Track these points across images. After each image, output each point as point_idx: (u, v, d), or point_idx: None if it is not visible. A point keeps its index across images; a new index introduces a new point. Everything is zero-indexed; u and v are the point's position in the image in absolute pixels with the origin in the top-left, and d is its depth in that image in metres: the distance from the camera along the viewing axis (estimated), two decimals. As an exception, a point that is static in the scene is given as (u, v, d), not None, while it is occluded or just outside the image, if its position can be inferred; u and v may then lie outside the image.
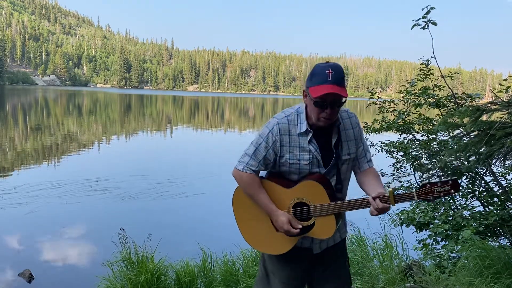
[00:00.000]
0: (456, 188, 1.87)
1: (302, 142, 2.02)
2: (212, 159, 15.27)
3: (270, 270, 2.21)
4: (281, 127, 2.02)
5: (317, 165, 2.03)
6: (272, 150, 2.02)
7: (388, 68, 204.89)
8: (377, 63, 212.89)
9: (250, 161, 2.04)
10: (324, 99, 1.88)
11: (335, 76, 1.88)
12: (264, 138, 2.03)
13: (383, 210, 1.88)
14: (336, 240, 2.17)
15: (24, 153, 15.16)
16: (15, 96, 62.44)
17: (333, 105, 1.90)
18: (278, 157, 2.04)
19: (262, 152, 2.03)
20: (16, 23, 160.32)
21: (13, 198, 8.82)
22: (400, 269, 3.68)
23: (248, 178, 2.05)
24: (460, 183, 4.79)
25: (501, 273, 3.01)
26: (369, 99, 5.60)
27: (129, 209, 8.61)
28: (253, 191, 2.06)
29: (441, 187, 1.87)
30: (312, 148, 2.01)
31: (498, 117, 3.00)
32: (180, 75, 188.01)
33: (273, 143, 2.02)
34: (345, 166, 2.08)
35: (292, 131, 2.02)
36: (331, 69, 1.88)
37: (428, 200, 1.92)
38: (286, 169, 2.05)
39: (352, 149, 2.08)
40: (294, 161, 2.02)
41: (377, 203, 1.86)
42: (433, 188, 1.88)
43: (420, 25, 4.56)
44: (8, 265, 5.81)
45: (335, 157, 2.04)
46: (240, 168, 2.06)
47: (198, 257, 4.50)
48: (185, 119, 37.46)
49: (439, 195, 1.88)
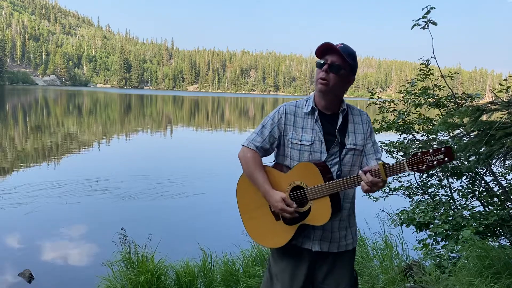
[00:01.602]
0: (450, 156, 1.74)
1: (306, 123, 2.09)
2: (212, 159, 15.27)
3: (274, 273, 2.20)
4: (287, 108, 2.13)
5: (319, 149, 2.05)
6: (277, 127, 2.11)
7: (388, 68, 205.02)
8: (377, 63, 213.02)
9: (256, 137, 2.13)
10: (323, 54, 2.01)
11: (342, 46, 2.01)
12: (271, 116, 2.14)
13: (374, 184, 1.83)
14: (340, 248, 2.13)
15: (24, 153, 15.15)
16: (15, 96, 62.44)
17: (330, 65, 1.99)
18: (283, 136, 2.11)
19: (268, 129, 2.12)
20: (16, 23, 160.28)
21: (13, 198, 8.81)
22: (400, 269, 3.68)
23: (250, 154, 2.11)
24: (460, 182, 4.80)
25: (501, 273, 3.01)
26: (369, 99, 5.60)
27: (129, 209, 8.60)
28: (252, 168, 2.09)
29: (433, 155, 1.75)
30: (317, 127, 2.06)
31: (498, 117, 3.00)
32: (180, 75, 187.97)
33: (278, 120, 2.11)
34: (349, 157, 2.07)
35: (298, 113, 2.11)
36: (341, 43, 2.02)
37: (421, 170, 1.78)
38: (288, 150, 2.10)
39: (358, 141, 2.09)
40: (295, 140, 2.07)
41: (368, 177, 1.82)
42: (424, 157, 1.76)
43: (420, 25, 4.55)
44: (8, 265, 5.81)
45: (338, 142, 2.05)
46: (245, 144, 2.14)
47: (198, 257, 4.50)
48: (185, 119, 37.45)
49: (432, 165, 1.76)
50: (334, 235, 2.12)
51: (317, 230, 2.09)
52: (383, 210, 5.16)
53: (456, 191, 4.81)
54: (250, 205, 2.18)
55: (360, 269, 3.87)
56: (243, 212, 2.21)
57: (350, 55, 2.00)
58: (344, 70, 2.00)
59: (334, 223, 2.11)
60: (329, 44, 1.98)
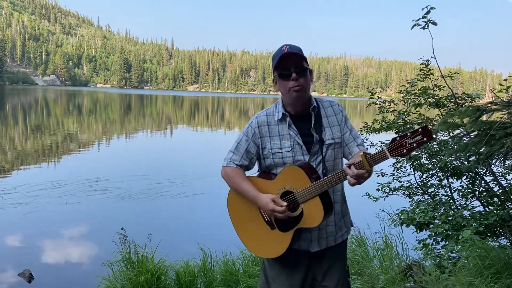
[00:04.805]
0: (428, 135, 1.72)
1: (281, 130, 2.07)
2: (212, 159, 15.25)
3: (271, 276, 2.19)
4: (259, 120, 2.11)
5: (301, 152, 2.04)
6: (253, 142, 2.10)
7: (388, 68, 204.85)
8: (377, 63, 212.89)
9: (233, 156, 2.14)
10: (284, 64, 1.97)
11: (290, 47, 1.99)
12: (244, 132, 2.14)
13: (359, 177, 1.81)
14: (337, 240, 2.15)
15: (24, 153, 15.15)
16: (15, 96, 62.43)
17: (297, 72, 1.97)
18: (261, 149, 2.10)
19: (243, 146, 2.12)
20: (16, 23, 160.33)
21: (13, 198, 8.81)
22: (400, 269, 3.68)
23: (231, 171, 2.12)
24: (459, 180, 4.80)
25: (501, 273, 3.01)
26: (369, 99, 5.59)
27: (129, 209, 8.60)
28: (237, 182, 2.09)
29: (412, 137, 1.73)
30: (292, 132, 2.05)
31: (498, 117, 3.00)
32: (180, 75, 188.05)
33: (253, 135, 2.10)
34: (330, 152, 2.07)
35: (271, 121, 2.10)
36: (285, 45, 2.00)
37: (402, 154, 1.76)
38: (271, 161, 2.08)
39: (336, 134, 2.09)
40: (276, 150, 2.06)
41: (352, 170, 1.81)
42: (403, 141, 1.75)
43: (420, 25, 4.55)
44: (8, 265, 5.81)
45: (317, 141, 2.04)
46: (224, 164, 2.16)
47: (198, 257, 4.51)
48: (185, 119, 37.44)
49: (412, 147, 1.74)
50: (330, 229, 2.11)
51: (313, 231, 2.09)
52: (383, 210, 5.16)
53: (456, 191, 4.81)
54: (243, 218, 2.16)
55: (360, 269, 3.87)
56: (237, 227, 2.19)
57: (301, 51, 2.01)
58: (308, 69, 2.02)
59: (329, 218, 2.10)
60: (285, 53, 1.96)
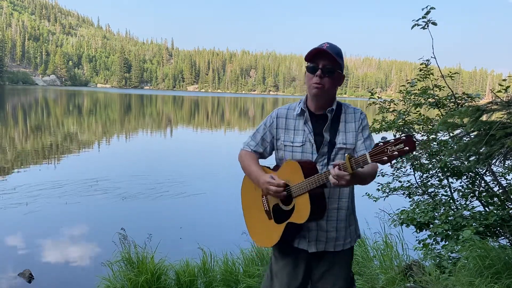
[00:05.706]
0: (411, 145, 1.67)
1: (298, 124, 2.14)
2: (212, 159, 15.27)
3: (274, 271, 2.25)
4: (279, 112, 2.22)
5: (310, 150, 2.09)
6: (269, 132, 2.22)
7: (388, 68, 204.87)
8: (377, 63, 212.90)
9: (250, 142, 2.28)
10: (315, 59, 2.02)
11: (330, 46, 2.02)
12: (264, 121, 2.26)
13: (340, 178, 1.80)
14: (337, 248, 2.14)
15: (24, 153, 15.15)
16: (15, 96, 62.43)
17: (323, 70, 2.01)
18: (275, 140, 2.20)
19: (260, 134, 2.25)
20: (16, 23, 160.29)
21: (13, 198, 8.81)
22: (400, 269, 3.68)
23: (245, 154, 2.27)
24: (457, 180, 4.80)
25: (501, 273, 3.01)
26: (369, 99, 5.59)
27: (129, 209, 8.60)
28: (247, 163, 2.21)
29: (394, 145, 1.70)
30: (307, 129, 2.11)
31: (498, 117, 3.00)
32: (180, 75, 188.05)
33: (270, 125, 2.21)
34: (340, 156, 2.08)
35: (289, 115, 2.18)
36: (326, 42, 2.05)
37: (383, 161, 1.72)
38: (282, 153, 2.16)
39: (349, 140, 2.09)
40: (288, 143, 2.14)
41: (334, 170, 1.82)
42: (385, 147, 1.72)
43: (420, 25, 4.55)
44: (8, 265, 5.81)
45: (327, 143, 2.07)
46: (242, 147, 2.31)
47: (198, 257, 4.50)
48: (185, 119, 37.44)
49: (393, 154, 1.70)
50: (330, 234, 2.11)
51: (312, 231, 2.09)
52: (383, 210, 5.16)
53: (456, 191, 4.81)
54: (249, 203, 2.28)
55: (360, 269, 3.87)
56: (244, 210, 2.32)
57: (338, 55, 2.02)
58: (336, 71, 2.03)
59: (331, 223, 2.10)
60: (320, 49, 2.00)
